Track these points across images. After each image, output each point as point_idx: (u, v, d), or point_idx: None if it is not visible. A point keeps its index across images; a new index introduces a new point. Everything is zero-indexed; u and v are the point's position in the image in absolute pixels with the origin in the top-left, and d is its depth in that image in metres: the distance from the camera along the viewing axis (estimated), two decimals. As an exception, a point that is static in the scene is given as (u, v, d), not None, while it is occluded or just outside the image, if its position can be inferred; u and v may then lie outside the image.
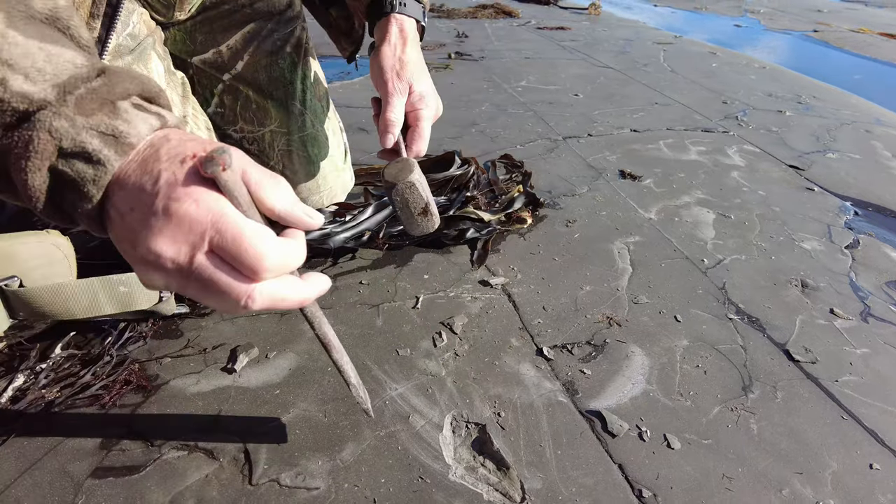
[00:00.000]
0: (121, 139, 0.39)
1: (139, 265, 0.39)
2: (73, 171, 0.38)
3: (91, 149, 0.38)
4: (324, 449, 0.69)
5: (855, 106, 2.18)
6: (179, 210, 0.37)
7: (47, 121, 0.37)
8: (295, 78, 1.02)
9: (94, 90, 0.39)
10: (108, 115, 0.39)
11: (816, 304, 1.02)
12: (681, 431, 0.75)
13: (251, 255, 0.38)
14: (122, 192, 0.39)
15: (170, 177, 0.38)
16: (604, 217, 1.24)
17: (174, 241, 0.37)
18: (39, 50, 0.38)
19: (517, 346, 0.87)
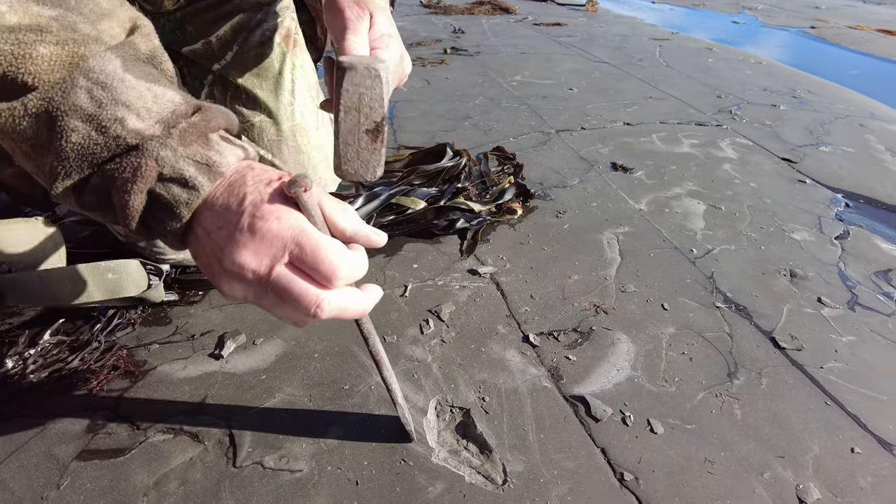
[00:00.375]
0: (213, 168, 0.44)
1: (222, 276, 0.43)
2: (169, 195, 0.43)
3: (188, 175, 0.43)
4: (308, 432, 0.70)
5: (850, 100, 2.18)
6: (263, 227, 0.42)
7: (154, 150, 0.42)
8: (284, 68, 1.03)
9: (193, 125, 0.44)
10: (202, 146, 0.45)
11: (804, 292, 1.02)
12: (664, 416, 0.75)
13: (327, 265, 0.42)
14: (209, 213, 0.44)
15: (255, 197, 0.43)
16: (594, 208, 1.25)
17: (257, 254, 0.42)
18: (148, 90, 0.43)
19: (504, 333, 0.87)
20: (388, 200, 1.17)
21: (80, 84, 0.41)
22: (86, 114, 0.41)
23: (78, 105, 0.41)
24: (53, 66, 0.41)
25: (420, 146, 1.47)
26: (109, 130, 0.41)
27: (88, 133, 0.41)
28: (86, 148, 0.42)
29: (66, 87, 0.41)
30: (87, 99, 0.41)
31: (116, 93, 0.42)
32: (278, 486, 0.64)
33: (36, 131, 0.41)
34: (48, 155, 0.42)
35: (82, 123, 0.41)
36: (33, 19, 0.41)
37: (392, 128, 1.62)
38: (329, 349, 0.82)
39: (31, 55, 0.40)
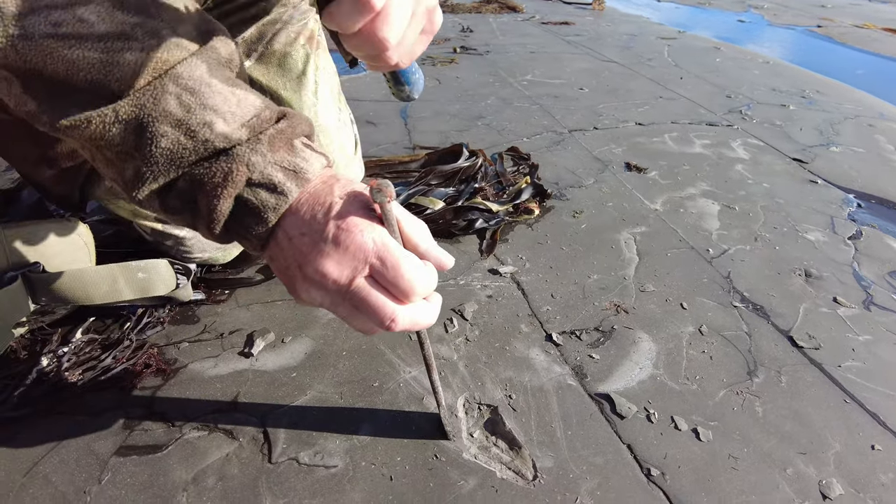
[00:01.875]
0: (300, 174, 0.45)
1: (302, 282, 0.45)
2: (257, 200, 0.44)
3: (276, 181, 0.44)
4: (341, 429, 0.71)
5: (858, 100, 2.19)
6: (347, 238, 0.43)
7: (245, 156, 0.43)
8: (308, 69, 1.04)
9: (280, 132, 0.45)
10: (289, 153, 0.45)
11: (820, 292, 1.03)
12: (688, 414, 0.77)
13: (406, 282, 0.44)
14: (293, 219, 0.45)
15: (341, 209, 0.44)
16: (610, 208, 1.26)
17: (339, 265, 0.43)
18: (232, 94, 0.45)
19: (526, 332, 0.89)
20: (407, 200, 1.18)
21: (169, 90, 0.42)
22: (175, 119, 0.42)
23: (168, 110, 0.42)
24: (139, 71, 0.42)
25: (435, 146, 1.48)
26: (198, 135, 0.43)
27: (177, 138, 0.42)
28: (174, 152, 0.43)
29: (157, 93, 0.42)
30: (176, 104, 0.42)
31: (204, 97, 0.43)
32: (314, 482, 0.65)
33: (124, 137, 0.43)
34: (133, 160, 0.43)
35: (171, 129, 0.42)
36: (119, 27, 0.42)
37: (407, 128, 1.63)
38: (357, 347, 0.84)
39: (118, 62, 0.41)
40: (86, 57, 0.41)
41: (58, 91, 0.42)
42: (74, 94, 0.42)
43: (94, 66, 0.41)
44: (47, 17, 0.40)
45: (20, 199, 1.10)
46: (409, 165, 1.36)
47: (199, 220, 0.45)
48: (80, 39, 0.41)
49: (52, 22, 0.40)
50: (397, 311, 0.45)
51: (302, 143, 0.47)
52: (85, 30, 0.41)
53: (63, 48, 0.40)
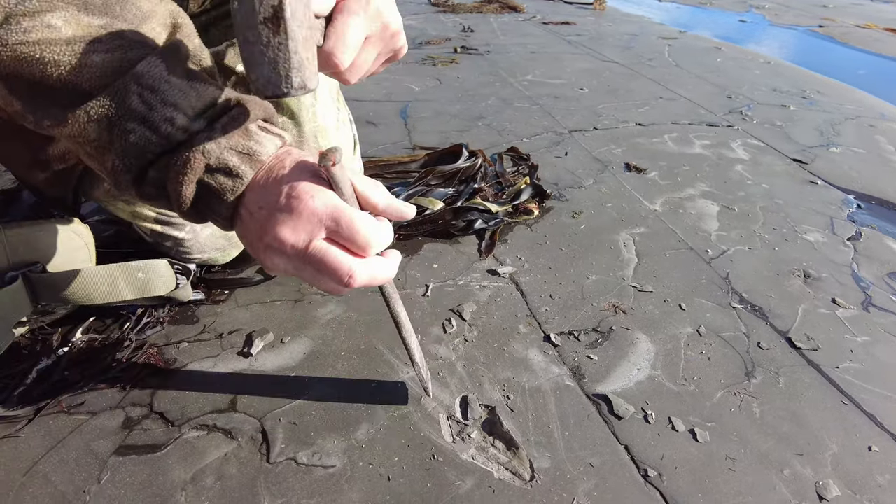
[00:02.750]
0: (254, 157, 0.48)
1: (265, 251, 0.48)
2: (216, 183, 0.47)
3: (232, 165, 0.47)
4: (339, 429, 0.72)
5: (859, 101, 2.19)
6: (299, 205, 0.46)
7: (201, 144, 0.46)
8: None
9: (233, 118, 0.48)
10: (243, 137, 0.48)
11: (818, 293, 1.03)
12: (685, 415, 0.77)
13: (361, 236, 0.47)
14: (252, 195, 0.48)
15: (291, 178, 0.47)
16: (609, 209, 1.26)
17: (295, 230, 0.46)
18: (191, 88, 0.47)
19: (525, 333, 0.89)
20: (407, 201, 1.18)
21: (132, 89, 0.45)
22: (140, 116, 0.45)
23: (132, 108, 0.45)
24: (106, 72, 0.45)
25: (435, 146, 1.49)
26: (161, 129, 0.45)
27: (143, 133, 0.45)
28: (142, 146, 0.45)
29: (121, 93, 0.45)
30: (139, 102, 0.45)
31: (164, 95, 0.46)
32: (312, 482, 0.65)
33: (98, 133, 0.45)
34: (110, 153, 0.46)
35: (137, 125, 0.45)
36: (85, 30, 0.45)
37: (407, 128, 1.63)
38: (355, 347, 0.84)
39: (86, 64, 0.44)
40: (56, 60, 0.44)
41: (37, 92, 0.45)
42: (52, 94, 0.45)
43: (65, 68, 0.44)
44: (18, 24, 0.43)
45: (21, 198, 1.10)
46: (408, 166, 1.36)
47: (173, 204, 0.48)
48: (49, 44, 0.43)
49: (23, 29, 0.43)
50: (354, 266, 0.47)
51: (258, 127, 0.50)
52: (53, 35, 0.44)
53: (35, 52, 0.43)
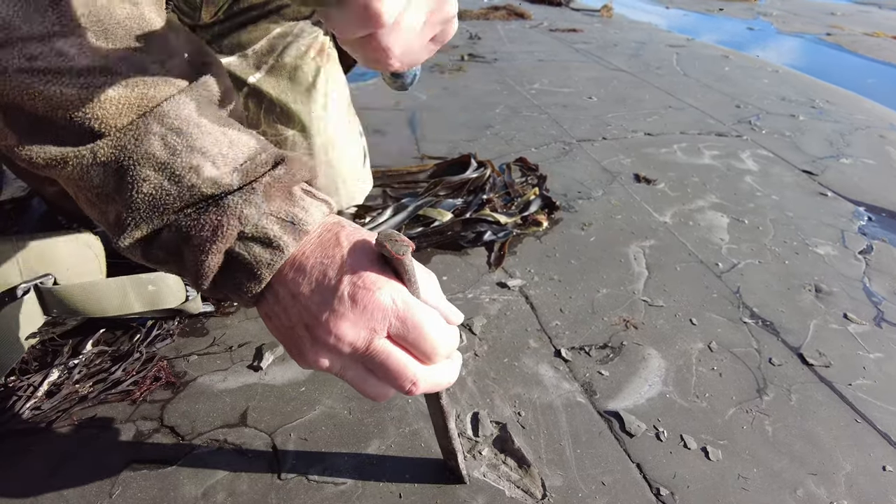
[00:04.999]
0: (298, 226, 0.41)
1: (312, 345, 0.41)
2: (249, 255, 0.40)
3: (272, 234, 0.40)
4: (349, 445, 0.71)
5: (869, 111, 2.18)
6: (366, 297, 0.39)
7: (238, 207, 0.39)
8: (318, 82, 1.04)
9: (277, 179, 0.41)
10: (286, 202, 0.42)
11: (830, 308, 1.03)
12: (697, 432, 0.77)
13: (430, 343, 0.41)
14: (297, 274, 0.41)
15: (353, 263, 0.40)
16: (619, 220, 1.26)
17: (356, 326, 0.40)
18: (223, 135, 0.41)
19: (535, 348, 0.89)
20: (416, 212, 1.18)
21: (153, 130, 0.39)
22: (159, 162, 0.39)
23: (151, 153, 0.38)
24: (122, 110, 0.39)
25: (443, 156, 1.49)
26: (183, 180, 0.39)
27: (161, 183, 0.39)
28: (157, 199, 0.39)
29: (139, 133, 0.38)
30: (160, 146, 0.39)
31: (192, 139, 0.39)
32: (323, 499, 0.65)
33: (103, 179, 0.39)
34: (114, 204, 0.40)
35: (154, 173, 0.38)
36: (101, 61, 0.38)
37: (415, 137, 1.63)
38: (365, 362, 0.84)
39: (99, 99, 0.38)
40: (63, 93, 0.37)
41: (37, 127, 0.39)
42: (53, 131, 0.39)
43: (72, 102, 0.37)
44: (22, 49, 0.36)
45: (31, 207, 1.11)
46: (417, 176, 1.36)
47: (186, 273, 0.41)
48: (57, 74, 0.37)
49: (27, 55, 0.36)
50: (419, 374, 0.42)
51: (302, 191, 0.43)
52: (63, 64, 0.37)
53: (39, 84, 0.37)
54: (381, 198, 1.24)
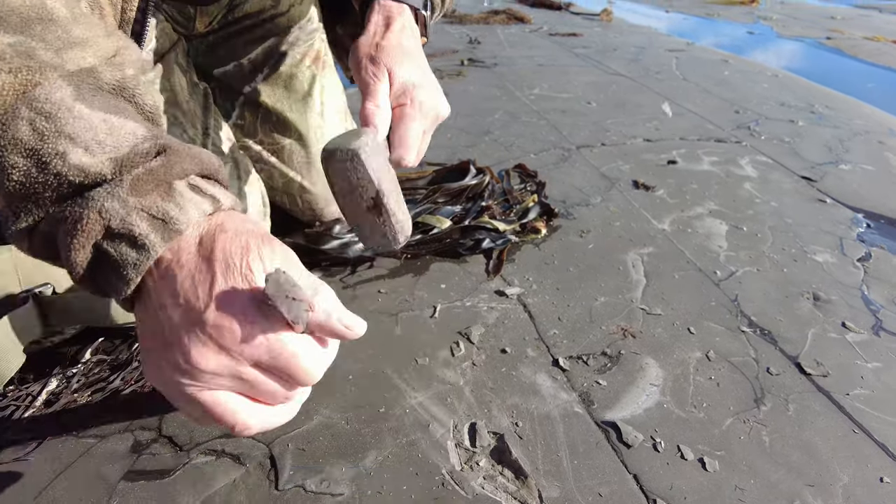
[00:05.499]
0: (169, 224, 0.38)
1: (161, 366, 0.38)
2: (115, 252, 0.37)
3: (138, 232, 0.37)
4: (347, 456, 0.72)
5: (868, 116, 2.18)
6: (233, 326, 0.37)
7: (100, 200, 0.37)
8: (314, 90, 1.05)
9: (151, 171, 0.39)
10: (162, 197, 0.39)
11: (828, 317, 1.03)
12: (694, 443, 0.77)
13: (302, 374, 0.40)
14: (165, 283, 0.38)
15: (224, 285, 0.37)
16: (618, 227, 1.26)
17: (217, 354, 0.37)
18: (103, 122, 0.39)
19: (533, 357, 0.89)
20: (415, 219, 1.18)
21: (22, 114, 0.37)
22: (27, 148, 0.37)
23: (18, 138, 0.36)
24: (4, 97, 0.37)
25: (442, 162, 1.49)
26: (49, 167, 0.37)
27: (29, 170, 0.37)
28: (28, 188, 0.37)
29: (7, 118, 0.36)
30: (28, 131, 0.37)
31: (61, 123, 0.37)
32: (320, 510, 0.65)
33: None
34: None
35: (23, 159, 0.37)
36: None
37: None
38: (363, 371, 0.84)
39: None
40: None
41: None
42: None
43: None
44: None
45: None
46: (416, 183, 1.37)
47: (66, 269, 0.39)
48: None
49: None
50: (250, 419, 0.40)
51: (187, 185, 0.40)
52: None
53: None
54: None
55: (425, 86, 0.67)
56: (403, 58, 0.66)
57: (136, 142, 0.39)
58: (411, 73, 0.66)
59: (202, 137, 0.90)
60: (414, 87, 0.65)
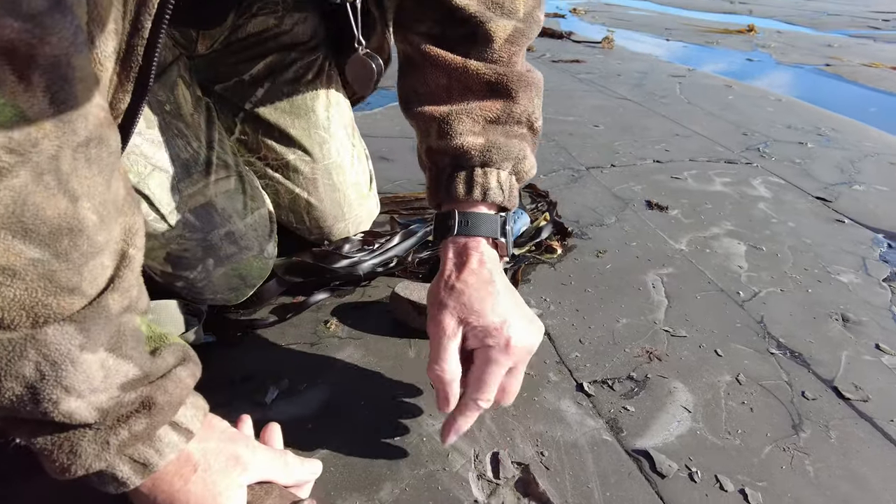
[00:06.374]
0: (149, 467, 0.47)
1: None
2: (97, 481, 0.47)
3: (120, 475, 0.46)
4: (360, 489, 0.66)
5: (876, 139, 2.17)
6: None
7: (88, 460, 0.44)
8: (317, 105, 1.01)
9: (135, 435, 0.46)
10: (144, 443, 0.47)
11: (860, 338, 0.98)
12: (733, 473, 0.71)
13: None
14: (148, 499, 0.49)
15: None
16: (634, 248, 1.22)
17: None
18: (100, 368, 0.43)
19: (556, 381, 0.84)
20: (425, 238, 1.14)
21: (29, 356, 0.39)
22: (27, 383, 0.40)
23: (21, 374, 0.40)
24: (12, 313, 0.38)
25: (451, 183, 1.45)
26: (41, 405, 0.41)
27: (22, 398, 0.40)
28: (16, 409, 0.41)
29: (14, 354, 0.39)
30: (32, 370, 0.40)
31: (62, 375, 0.41)
32: (333, 549, 0.60)
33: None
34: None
35: (19, 388, 0.40)
36: (9, 259, 0.37)
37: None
38: (375, 397, 0.79)
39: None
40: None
41: None
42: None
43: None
44: None
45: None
46: (425, 202, 1.33)
47: None
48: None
49: None
50: None
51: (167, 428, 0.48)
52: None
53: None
54: (388, 224, 1.20)
55: (513, 322, 0.62)
56: (485, 297, 0.63)
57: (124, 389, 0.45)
58: (495, 310, 0.62)
59: (206, 151, 0.86)
60: (501, 326, 0.62)
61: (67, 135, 0.39)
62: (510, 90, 0.69)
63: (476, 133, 0.68)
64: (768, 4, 6.91)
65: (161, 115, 0.79)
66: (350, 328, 0.92)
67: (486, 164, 0.67)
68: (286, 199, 1.02)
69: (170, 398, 0.48)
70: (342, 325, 0.93)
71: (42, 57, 0.36)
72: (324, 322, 0.93)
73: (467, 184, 0.67)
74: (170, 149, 0.79)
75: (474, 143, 0.67)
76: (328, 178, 1.04)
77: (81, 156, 0.40)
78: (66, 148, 0.39)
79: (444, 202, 0.71)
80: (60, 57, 0.37)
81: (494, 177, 0.68)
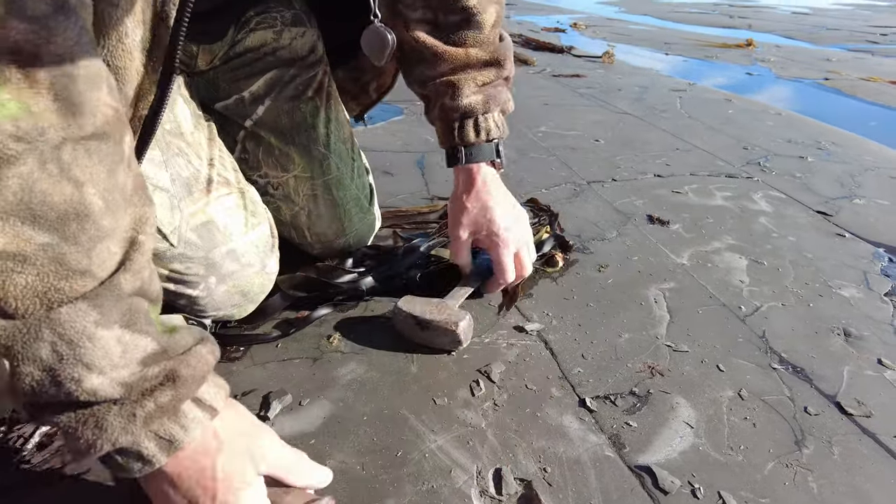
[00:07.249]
0: (175, 444, 0.46)
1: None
2: (122, 461, 0.46)
3: (146, 453, 0.45)
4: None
5: (876, 152, 2.18)
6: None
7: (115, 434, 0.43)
8: (317, 122, 1.02)
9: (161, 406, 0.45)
10: (170, 418, 0.46)
11: (862, 353, 0.98)
12: (736, 489, 0.71)
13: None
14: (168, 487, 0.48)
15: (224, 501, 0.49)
16: (636, 262, 1.22)
17: None
18: (118, 343, 0.43)
19: (558, 397, 0.84)
20: (428, 252, 1.15)
21: (44, 337, 0.40)
22: (45, 366, 0.40)
23: (38, 356, 0.40)
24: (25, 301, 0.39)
25: (453, 197, 1.46)
26: (63, 386, 0.41)
27: (43, 381, 0.41)
28: (38, 394, 0.41)
29: (29, 337, 0.39)
30: (48, 352, 0.40)
31: (81, 352, 0.41)
32: (335, 566, 0.59)
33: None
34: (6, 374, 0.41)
35: (39, 372, 0.40)
36: (20, 246, 0.38)
37: (424, 178, 1.62)
38: (378, 412, 0.79)
39: (3, 284, 0.38)
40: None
41: None
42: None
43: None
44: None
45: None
46: (427, 216, 1.34)
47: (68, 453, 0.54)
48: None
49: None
50: None
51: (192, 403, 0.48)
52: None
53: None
54: (391, 238, 1.21)
55: (511, 227, 0.98)
56: (486, 211, 0.97)
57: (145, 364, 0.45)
58: (493, 220, 0.96)
59: (207, 169, 0.87)
60: (498, 231, 0.96)
61: (72, 128, 0.40)
62: (499, 61, 0.94)
63: (476, 92, 0.92)
64: (767, 19, 6.96)
65: (161, 134, 0.80)
66: (353, 343, 0.92)
67: (485, 112, 0.94)
68: (287, 215, 1.03)
69: (193, 371, 0.47)
70: (345, 340, 0.93)
71: (47, 56, 0.38)
72: (326, 337, 0.94)
73: (475, 129, 0.94)
74: (170, 168, 0.80)
75: (477, 100, 0.93)
76: (328, 193, 1.04)
77: (81, 147, 0.42)
78: (69, 140, 0.41)
79: (457, 143, 0.96)
80: (65, 56, 0.39)
81: (492, 119, 0.95)
